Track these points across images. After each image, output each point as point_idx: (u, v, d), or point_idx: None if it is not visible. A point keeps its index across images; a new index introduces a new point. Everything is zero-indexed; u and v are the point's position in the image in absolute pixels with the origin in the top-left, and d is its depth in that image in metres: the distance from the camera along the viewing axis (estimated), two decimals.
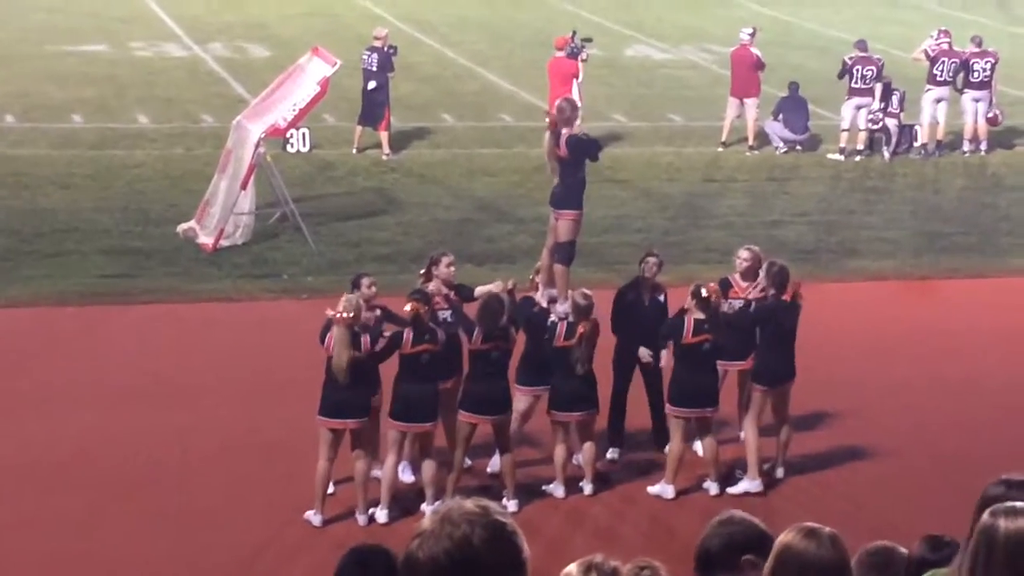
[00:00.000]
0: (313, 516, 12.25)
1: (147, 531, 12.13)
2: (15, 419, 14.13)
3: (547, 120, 14.31)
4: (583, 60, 23.42)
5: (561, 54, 23.61)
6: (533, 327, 13.14)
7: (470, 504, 3.84)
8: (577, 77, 23.37)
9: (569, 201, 13.91)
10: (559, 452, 12.95)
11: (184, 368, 15.49)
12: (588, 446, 13.04)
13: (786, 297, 13.19)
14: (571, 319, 12.87)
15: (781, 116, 25.28)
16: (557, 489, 12.95)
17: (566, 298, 13.38)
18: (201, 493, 12.77)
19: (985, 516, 4.91)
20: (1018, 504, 4.96)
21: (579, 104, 15.07)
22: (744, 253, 14.00)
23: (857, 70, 24.79)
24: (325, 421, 12.29)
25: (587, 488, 13.01)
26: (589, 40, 24.18)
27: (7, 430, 13.90)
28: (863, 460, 13.92)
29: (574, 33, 23.92)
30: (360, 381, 12.22)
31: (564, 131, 13.69)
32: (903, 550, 5.55)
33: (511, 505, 12.47)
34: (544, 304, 13.45)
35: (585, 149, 13.95)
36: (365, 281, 12.96)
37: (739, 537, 5.25)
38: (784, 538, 4.96)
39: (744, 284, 13.81)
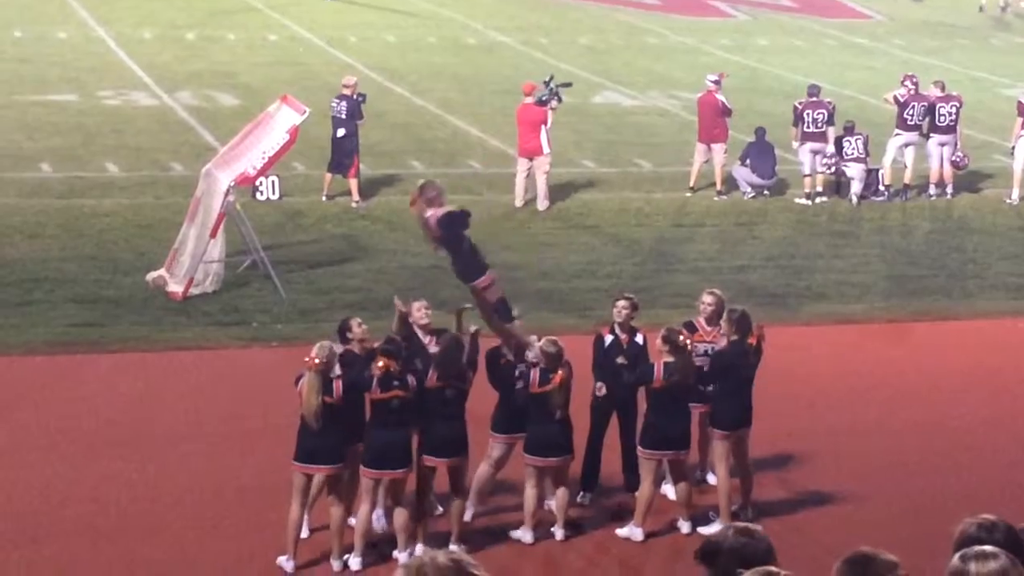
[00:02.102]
0: (285, 562, 12.21)
1: None
2: None
3: (410, 198, 13.97)
4: (552, 108, 23.56)
5: (530, 100, 23.74)
6: (501, 379, 13.12)
7: (443, 558, 3.84)
8: (546, 123, 23.51)
9: (473, 271, 13.61)
10: (530, 497, 12.95)
11: (154, 416, 15.45)
12: (561, 491, 13.04)
13: (751, 341, 13.22)
14: (543, 366, 12.87)
15: (748, 161, 25.43)
16: (525, 535, 12.93)
17: (530, 345, 13.32)
18: (172, 541, 12.71)
19: (955, 560, 4.99)
20: (987, 548, 5.04)
21: (439, 187, 14.09)
22: (708, 297, 14.01)
23: (807, 114, 25.03)
24: (298, 467, 12.29)
25: (559, 533, 13.00)
26: (568, 85, 24.35)
27: None
28: (833, 503, 13.95)
29: (551, 77, 24.12)
30: (333, 427, 12.20)
31: (430, 213, 13.31)
32: (887, 557, 5.55)
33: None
34: (511, 356, 13.37)
35: (457, 223, 13.53)
36: (355, 322, 12.95)
37: (749, 551, 5.35)
38: None
39: (709, 328, 13.82)
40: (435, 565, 3.82)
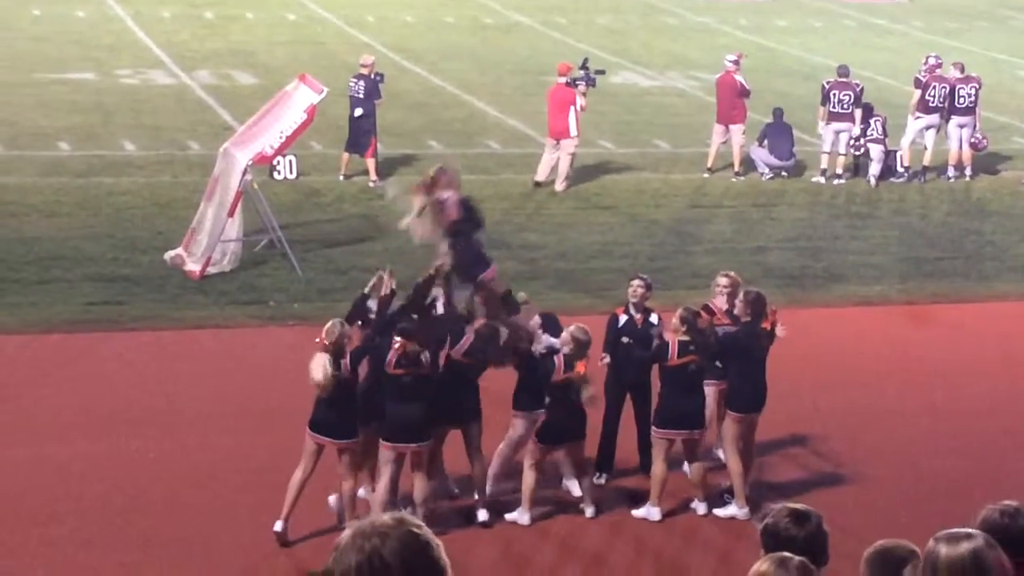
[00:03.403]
0: (277, 523, 12.28)
1: (134, 558, 12.10)
2: (1, 446, 14.11)
3: (421, 185, 13.43)
4: (582, 93, 23.53)
5: (563, 80, 23.76)
6: (522, 363, 13.14)
7: (386, 517, 3.89)
8: (575, 104, 23.46)
9: (480, 263, 13.50)
10: (529, 479, 12.93)
11: (171, 395, 15.49)
12: (584, 472, 13.09)
13: (765, 325, 13.19)
14: (568, 352, 12.85)
15: (766, 142, 25.38)
16: (523, 517, 12.93)
17: (535, 336, 13.31)
18: (189, 520, 12.76)
19: (930, 542, 5.03)
20: (961, 531, 5.06)
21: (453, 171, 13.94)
22: (723, 279, 13.95)
23: (834, 94, 24.97)
24: (310, 435, 12.42)
25: (589, 511, 13.06)
26: (602, 72, 24.33)
27: None
28: (848, 485, 13.95)
29: (586, 60, 24.12)
30: (344, 401, 12.28)
31: (449, 194, 13.20)
32: (911, 547, 5.59)
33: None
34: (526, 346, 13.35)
35: (476, 209, 13.47)
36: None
37: (800, 541, 5.54)
38: (758, 568, 5.17)
39: (725, 310, 13.78)
40: (375, 523, 3.86)
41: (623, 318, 13.77)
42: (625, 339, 13.62)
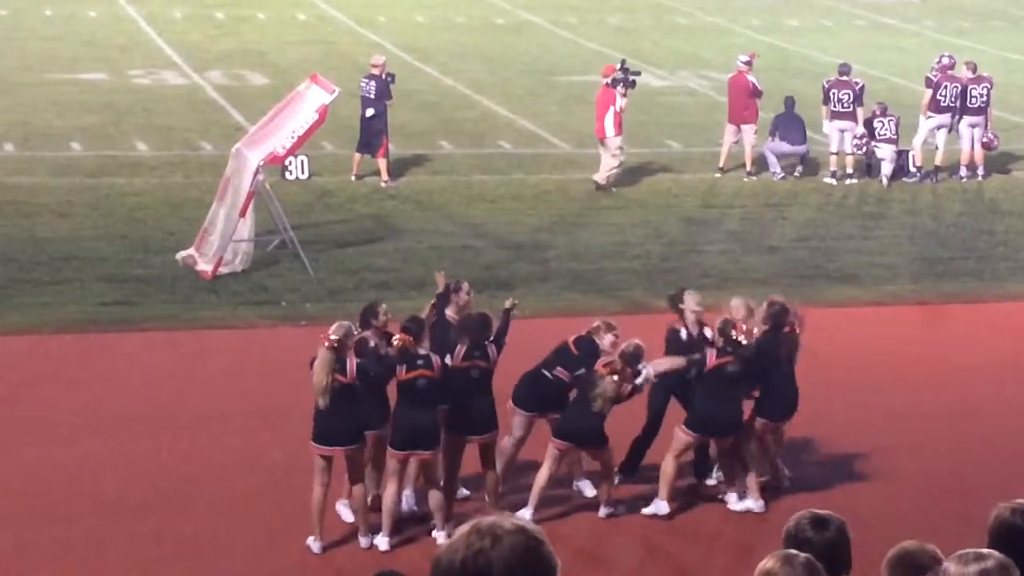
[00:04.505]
0: (313, 543, 12.25)
1: (147, 558, 12.12)
2: (14, 447, 14.14)
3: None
4: (621, 94, 23.55)
5: (606, 81, 23.82)
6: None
7: (508, 521, 3.75)
8: (615, 105, 23.47)
9: None
10: (542, 477, 12.90)
11: (183, 395, 15.51)
12: (608, 476, 13.07)
13: (787, 330, 13.19)
14: (611, 359, 12.83)
15: (778, 133, 25.34)
16: (526, 512, 12.91)
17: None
18: (201, 520, 12.77)
19: (947, 559, 5.01)
20: (979, 551, 4.99)
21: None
22: (735, 301, 13.68)
23: (834, 93, 24.95)
24: (315, 448, 12.31)
25: (603, 511, 13.06)
26: (637, 73, 24.37)
27: (6, 458, 13.91)
28: (863, 483, 13.94)
29: (623, 62, 24.15)
30: (347, 408, 12.19)
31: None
32: (934, 552, 5.58)
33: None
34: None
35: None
36: (381, 310, 12.97)
37: (818, 546, 5.54)
38: (764, 564, 5.17)
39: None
40: (494, 524, 3.70)
41: (683, 332, 13.60)
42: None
